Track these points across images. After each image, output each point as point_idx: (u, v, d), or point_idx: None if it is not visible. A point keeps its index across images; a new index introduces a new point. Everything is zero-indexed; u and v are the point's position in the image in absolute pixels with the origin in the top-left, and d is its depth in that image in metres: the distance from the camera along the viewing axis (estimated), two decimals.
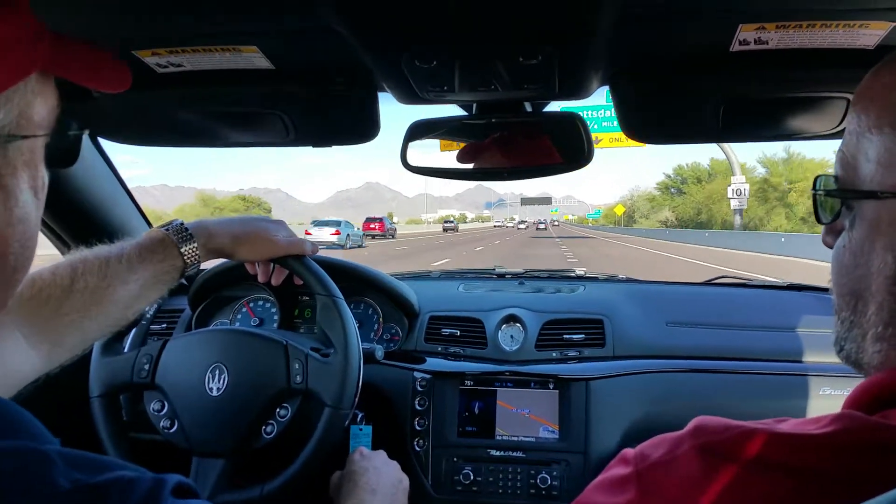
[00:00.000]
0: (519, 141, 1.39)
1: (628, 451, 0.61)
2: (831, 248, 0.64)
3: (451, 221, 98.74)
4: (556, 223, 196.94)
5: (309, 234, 33.38)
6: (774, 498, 0.48)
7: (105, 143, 1.71)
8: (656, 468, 0.56)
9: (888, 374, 0.54)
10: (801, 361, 1.71)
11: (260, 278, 1.34)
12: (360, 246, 36.02)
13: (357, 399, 1.34)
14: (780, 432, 0.51)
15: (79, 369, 1.38)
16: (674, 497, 0.53)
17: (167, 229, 1.09)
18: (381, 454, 1.33)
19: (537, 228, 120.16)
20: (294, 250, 1.33)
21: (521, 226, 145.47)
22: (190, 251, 1.09)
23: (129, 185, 1.86)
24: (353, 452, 1.31)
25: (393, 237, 50.25)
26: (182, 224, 1.12)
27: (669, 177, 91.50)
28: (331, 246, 31.28)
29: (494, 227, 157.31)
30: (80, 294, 0.92)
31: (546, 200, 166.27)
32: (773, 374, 1.68)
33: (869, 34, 1.02)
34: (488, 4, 0.92)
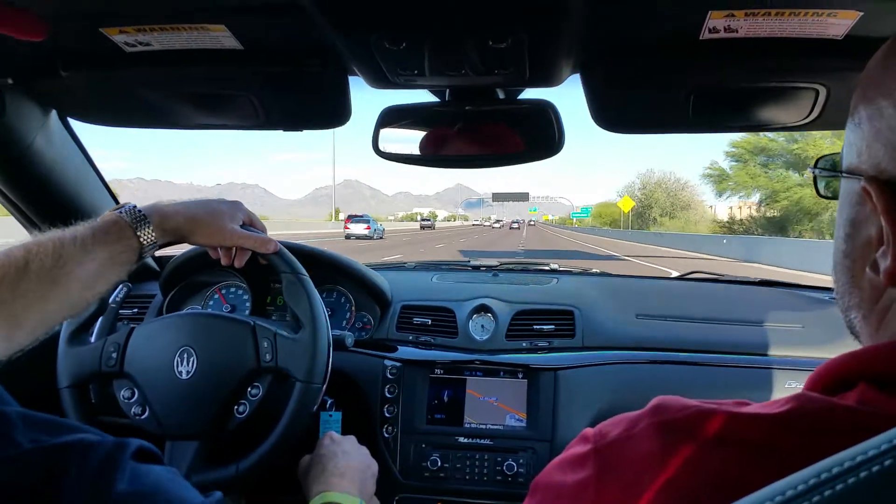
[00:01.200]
0: (491, 128, 1.39)
1: (588, 430, 0.61)
2: None
3: (428, 220, 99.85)
4: (532, 223, 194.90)
5: (348, 227, 44.04)
6: (730, 474, 0.48)
7: (84, 134, 1.69)
8: (614, 445, 0.57)
9: (844, 357, 0.55)
10: (768, 355, 1.74)
11: (223, 261, 1.32)
12: (380, 238, 44.58)
13: (328, 374, 1.35)
14: (737, 412, 0.52)
15: (43, 358, 1.36)
16: (631, 474, 0.53)
17: (120, 212, 1.08)
18: (351, 439, 1.33)
19: (510, 228, 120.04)
20: (247, 244, 1.27)
21: (496, 224, 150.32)
22: (145, 232, 1.07)
23: (105, 179, 1.83)
24: (322, 437, 1.32)
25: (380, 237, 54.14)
26: (135, 206, 1.10)
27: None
28: (363, 237, 41.76)
29: (473, 225, 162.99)
30: (36, 275, 0.91)
31: (522, 196, 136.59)
32: (740, 367, 1.70)
33: (837, 23, 1.04)
34: None
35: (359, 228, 43.30)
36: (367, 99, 1.49)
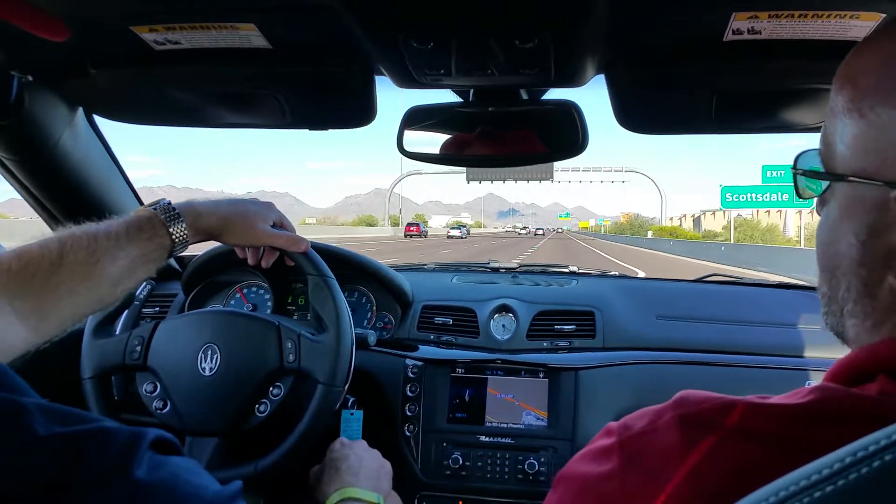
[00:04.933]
0: (514, 129, 1.40)
1: (612, 424, 0.61)
2: None
3: (464, 226, 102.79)
4: (560, 230, 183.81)
5: (450, 233, 76.71)
6: (752, 465, 0.49)
7: (120, 142, 1.71)
8: (638, 438, 0.57)
9: (865, 350, 0.55)
10: (788, 356, 1.74)
11: (249, 261, 1.34)
12: (466, 237, 73.78)
13: (350, 377, 1.36)
14: (758, 403, 0.52)
15: (70, 350, 1.39)
16: (655, 466, 0.54)
17: (155, 208, 1.09)
18: (362, 443, 1.34)
19: (535, 234, 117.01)
20: (278, 243, 1.30)
21: (522, 231, 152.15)
22: (178, 230, 1.08)
23: (137, 185, 1.86)
24: (333, 443, 1.32)
25: (425, 236, 74.03)
26: (170, 203, 1.11)
27: None
28: (458, 237, 69.67)
29: (506, 231, 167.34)
30: (69, 269, 0.92)
31: (537, 172, 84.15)
32: (760, 368, 1.70)
33: (860, 26, 1.04)
34: None
35: (455, 232, 74.94)
36: (391, 103, 1.50)
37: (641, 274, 11.07)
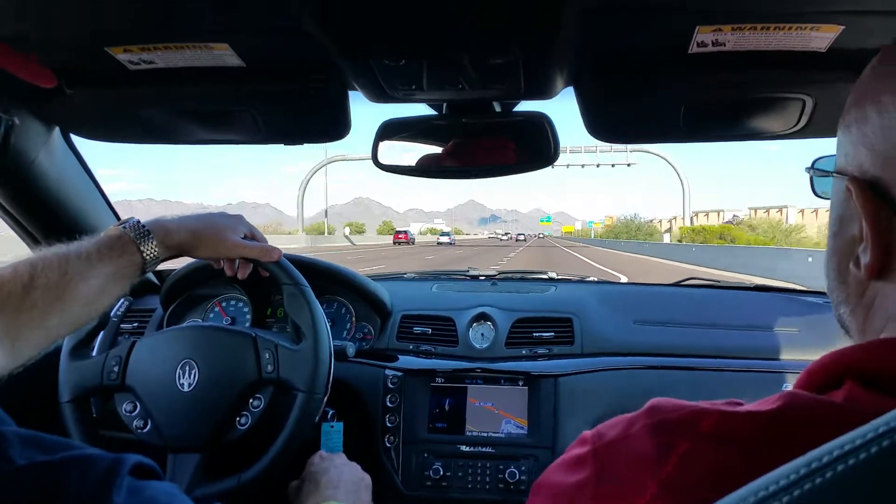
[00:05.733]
0: (487, 140, 1.42)
1: (587, 432, 0.62)
2: None
3: (448, 233, 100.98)
4: (541, 236, 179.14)
5: (440, 240, 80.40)
6: (724, 470, 0.50)
7: (96, 155, 1.71)
8: (612, 446, 0.58)
9: (831, 356, 0.56)
10: (764, 358, 1.76)
11: (227, 272, 1.34)
12: (453, 243, 75.23)
13: (330, 385, 1.36)
14: (729, 411, 0.53)
15: (45, 372, 1.37)
16: (628, 474, 0.55)
17: (125, 227, 1.09)
18: (342, 455, 1.34)
19: (516, 240, 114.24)
20: (251, 254, 1.30)
21: (504, 237, 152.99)
22: (148, 248, 1.09)
23: (114, 199, 1.85)
24: (313, 456, 1.32)
25: (413, 243, 75.00)
26: (139, 221, 1.12)
27: None
28: (447, 244, 71.41)
29: (489, 237, 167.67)
30: (41, 290, 0.92)
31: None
32: (738, 371, 1.72)
33: (820, 37, 1.06)
34: (453, 4, 0.94)
35: (444, 239, 78.30)
36: (371, 112, 1.53)
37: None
